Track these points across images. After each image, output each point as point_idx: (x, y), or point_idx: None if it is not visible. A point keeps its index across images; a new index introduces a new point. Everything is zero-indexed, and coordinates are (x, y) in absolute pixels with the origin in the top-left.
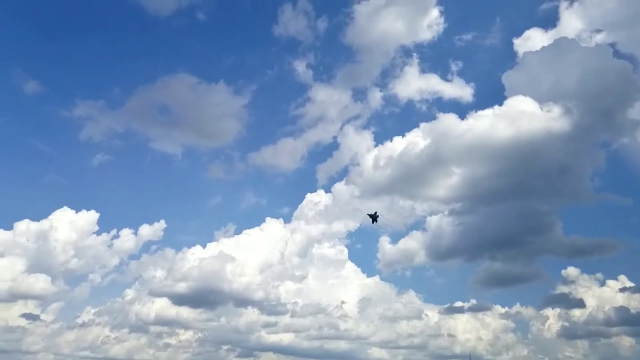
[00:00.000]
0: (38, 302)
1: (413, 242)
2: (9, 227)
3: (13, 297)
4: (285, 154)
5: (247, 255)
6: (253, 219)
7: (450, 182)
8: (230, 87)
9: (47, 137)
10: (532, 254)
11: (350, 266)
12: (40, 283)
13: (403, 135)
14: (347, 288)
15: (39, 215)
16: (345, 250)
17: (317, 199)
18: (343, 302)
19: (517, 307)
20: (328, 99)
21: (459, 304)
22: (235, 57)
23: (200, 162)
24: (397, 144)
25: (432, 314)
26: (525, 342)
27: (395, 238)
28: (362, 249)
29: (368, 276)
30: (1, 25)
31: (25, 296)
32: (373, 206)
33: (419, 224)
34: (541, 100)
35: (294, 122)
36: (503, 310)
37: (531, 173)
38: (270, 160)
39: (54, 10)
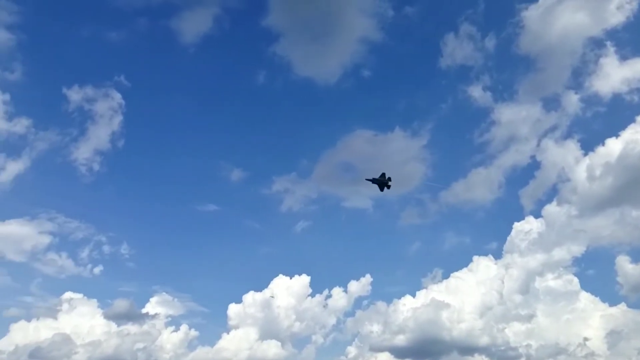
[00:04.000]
0: None
1: None
2: (239, 300)
3: None
4: (479, 185)
5: (461, 299)
6: (459, 260)
7: None
8: (406, 131)
9: (255, 215)
10: None
11: (586, 296)
12: (272, 349)
13: (617, 136)
14: (587, 322)
15: (260, 285)
16: (575, 279)
17: (527, 227)
18: (586, 339)
19: None
20: (515, 117)
21: None
22: (406, 101)
23: (392, 211)
24: (612, 147)
25: None
26: None
27: (637, 256)
28: (595, 274)
29: (611, 305)
30: (208, 128)
31: None
32: (600, 224)
33: None
34: None
35: (482, 150)
36: None
37: None
38: (464, 195)
39: (242, 105)
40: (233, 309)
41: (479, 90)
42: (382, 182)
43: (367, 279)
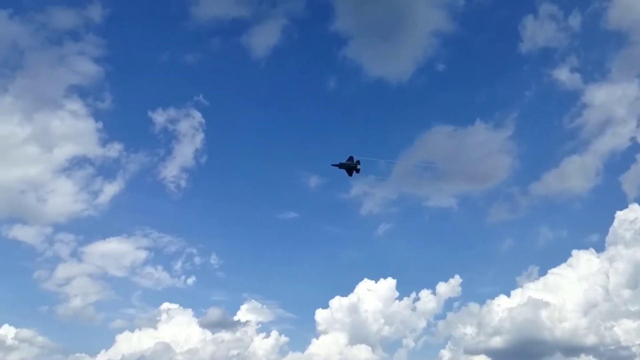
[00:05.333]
0: None
1: None
2: (325, 305)
3: None
4: (573, 174)
5: (561, 297)
6: (556, 256)
7: None
8: (488, 123)
9: (335, 221)
10: None
11: None
12: (362, 353)
13: None
14: None
15: (346, 290)
16: None
17: (632, 215)
18: None
19: None
20: (609, 97)
21: None
22: (486, 92)
23: (479, 208)
24: None
25: None
26: None
27: None
28: None
29: None
30: (283, 137)
31: None
32: None
33: None
34: None
35: (574, 136)
36: None
37: None
38: (557, 185)
39: (315, 112)
40: (320, 314)
41: (565, 73)
42: (351, 167)
43: (457, 280)
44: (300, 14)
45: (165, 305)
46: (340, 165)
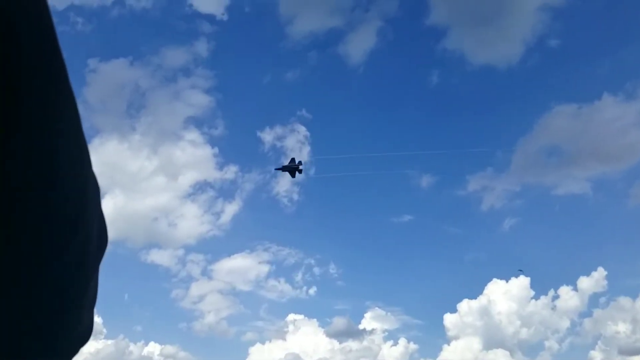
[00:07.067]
0: None
1: None
2: (453, 310)
3: None
4: None
5: None
6: None
7: None
8: (617, 96)
9: (454, 220)
10: None
11: None
12: (500, 358)
13: None
14: None
15: (474, 293)
16: None
17: None
18: None
19: None
20: None
21: None
22: (610, 63)
23: (617, 190)
24: None
25: None
26: None
27: None
28: None
29: None
30: (390, 140)
31: None
32: None
33: None
34: None
35: None
36: None
37: None
38: None
39: (421, 110)
40: (449, 319)
41: None
42: (293, 168)
43: (600, 272)
44: (394, 13)
45: (291, 317)
46: (283, 169)
